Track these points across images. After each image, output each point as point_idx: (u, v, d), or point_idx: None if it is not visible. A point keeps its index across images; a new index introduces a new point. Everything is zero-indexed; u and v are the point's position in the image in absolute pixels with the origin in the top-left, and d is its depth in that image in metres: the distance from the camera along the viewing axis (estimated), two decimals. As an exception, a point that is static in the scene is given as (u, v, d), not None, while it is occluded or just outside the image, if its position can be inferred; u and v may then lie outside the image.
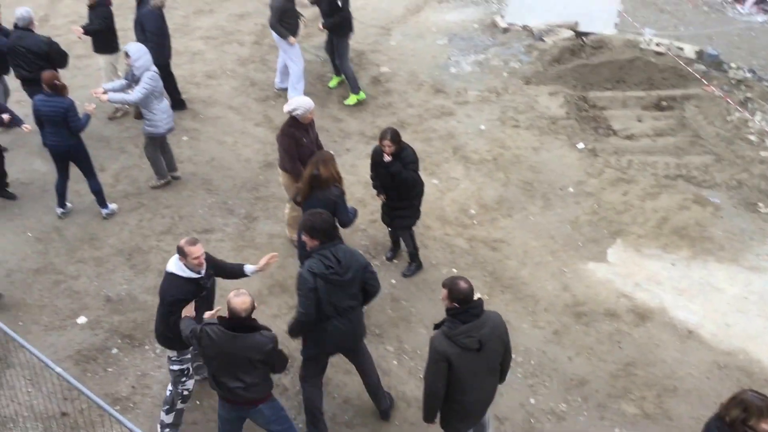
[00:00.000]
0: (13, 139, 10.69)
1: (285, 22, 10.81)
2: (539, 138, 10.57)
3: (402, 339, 7.78)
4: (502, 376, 5.92)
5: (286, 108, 8.24)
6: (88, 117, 8.98)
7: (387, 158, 7.93)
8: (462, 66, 12.23)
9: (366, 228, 9.18)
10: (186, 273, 6.23)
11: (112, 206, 9.49)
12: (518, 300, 8.21)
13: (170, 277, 6.25)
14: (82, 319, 8.10)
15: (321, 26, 11.08)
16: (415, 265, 8.60)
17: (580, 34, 12.38)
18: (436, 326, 5.65)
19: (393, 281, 8.47)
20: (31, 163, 10.32)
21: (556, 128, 10.70)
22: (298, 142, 8.22)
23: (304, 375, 6.68)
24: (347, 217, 7.54)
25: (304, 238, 6.33)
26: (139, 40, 10.22)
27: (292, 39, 10.87)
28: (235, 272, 6.82)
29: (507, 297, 8.25)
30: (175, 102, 11.06)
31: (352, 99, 11.40)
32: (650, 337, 7.75)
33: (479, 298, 5.60)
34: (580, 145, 10.37)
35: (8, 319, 7.79)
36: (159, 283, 6.51)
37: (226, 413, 6.07)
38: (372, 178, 8.38)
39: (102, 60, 10.93)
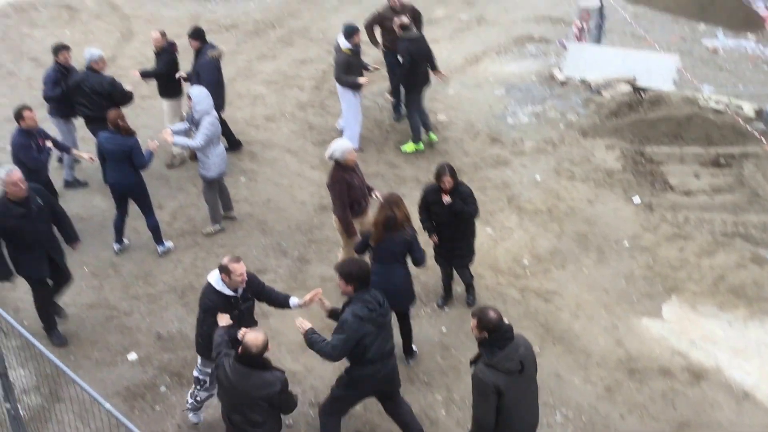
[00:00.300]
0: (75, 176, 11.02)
1: (350, 74, 10.93)
2: (595, 190, 10.50)
3: (451, 388, 7.72)
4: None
5: (326, 154, 8.44)
6: (151, 154, 9.21)
7: (446, 199, 8.01)
8: (519, 116, 12.27)
9: (417, 274, 9.17)
10: (220, 287, 6.50)
11: (168, 244, 9.67)
12: (570, 353, 8.09)
13: (207, 287, 6.57)
14: (132, 356, 8.21)
15: (388, 92, 11.22)
16: (474, 292, 8.72)
17: (638, 89, 12.34)
18: (473, 362, 5.71)
19: (443, 329, 8.43)
20: (91, 199, 10.59)
21: (612, 181, 10.62)
22: (349, 185, 8.30)
23: (329, 410, 6.69)
24: (423, 255, 7.66)
25: (339, 283, 6.45)
26: None
27: (363, 79, 10.95)
28: (279, 301, 6.99)
29: (558, 350, 8.13)
30: (231, 143, 11.30)
31: (410, 147, 11.50)
32: (705, 398, 7.55)
33: (508, 323, 5.67)
34: (636, 200, 10.27)
35: (60, 353, 7.97)
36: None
37: None
38: (423, 219, 8.34)
39: (165, 104, 11.23)
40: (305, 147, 11.77)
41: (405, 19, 10.92)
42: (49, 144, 9.45)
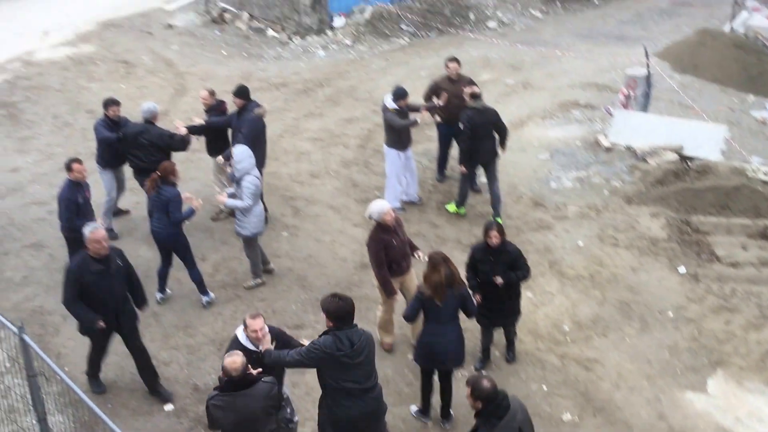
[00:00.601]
0: (123, 226, 11.22)
1: (396, 134, 11.02)
2: (639, 258, 10.36)
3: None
4: None
5: (365, 214, 8.55)
6: (192, 212, 9.33)
7: (498, 280, 8.08)
8: (563, 181, 12.23)
9: (456, 336, 9.10)
10: (244, 340, 6.79)
11: (212, 295, 9.75)
12: (610, 425, 7.89)
13: (233, 340, 6.89)
14: (169, 407, 8.23)
15: (460, 165, 11.13)
16: (514, 349, 8.73)
17: (684, 158, 12.24)
18: None
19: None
20: (137, 249, 10.74)
21: (657, 250, 10.48)
22: (387, 245, 8.35)
23: None
24: (475, 308, 7.74)
25: (324, 315, 6.58)
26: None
27: (422, 115, 11.05)
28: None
29: (598, 421, 7.94)
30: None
31: (452, 207, 11.52)
32: (751, 478, 7.29)
33: (503, 390, 5.71)
34: (682, 269, 10.09)
35: (98, 400, 7.99)
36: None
37: None
38: (469, 278, 8.31)
39: (212, 161, 11.40)
40: (348, 204, 11.86)
41: (476, 89, 10.92)
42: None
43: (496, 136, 11.00)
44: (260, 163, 10.80)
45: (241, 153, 9.44)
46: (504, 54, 17.61)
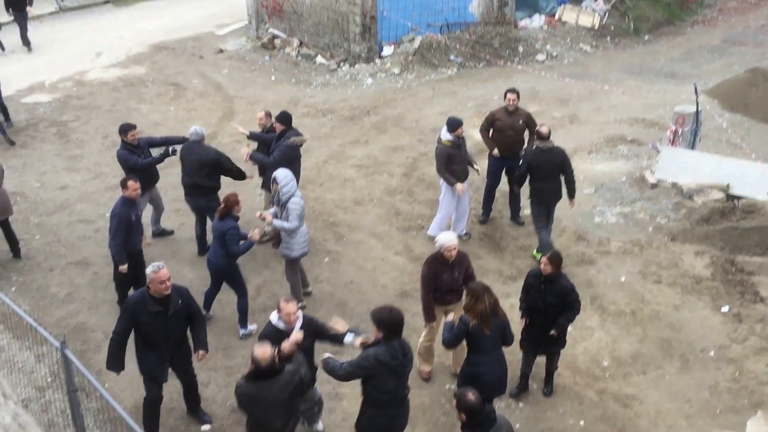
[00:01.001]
0: (167, 247, 11.43)
1: (450, 165, 10.94)
2: (681, 296, 10.25)
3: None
4: None
5: (435, 237, 8.80)
6: (250, 244, 9.43)
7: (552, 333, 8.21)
8: (606, 216, 12.18)
9: (493, 367, 9.08)
10: (276, 321, 7.27)
11: (251, 327, 9.77)
12: (647, 464, 7.79)
13: (267, 324, 7.37)
14: (206, 427, 8.32)
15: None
16: (552, 384, 8.71)
17: (731, 197, 12.12)
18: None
19: (518, 425, 8.26)
20: (180, 269, 10.93)
21: (700, 288, 10.36)
22: (437, 275, 8.44)
23: None
24: (512, 336, 7.81)
25: (373, 329, 6.86)
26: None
27: (459, 187, 10.92)
28: (337, 338, 7.44)
29: (635, 459, 7.85)
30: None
31: (538, 254, 10.85)
32: None
33: (489, 406, 6.03)
34: (725, 309, 9.96)
35: (136, 418, 8.07)
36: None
37: None
38: (521, 300, 8.50)
39: (265, 194, 11.48)
40: (390, 232, 11.95)
41: (544, 129, 10.59)
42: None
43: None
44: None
45: (285, 177, 9.60)
46: (552, 87, 17.65)
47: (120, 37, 21.57)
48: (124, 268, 9.60)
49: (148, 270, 7.53)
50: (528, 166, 10.62)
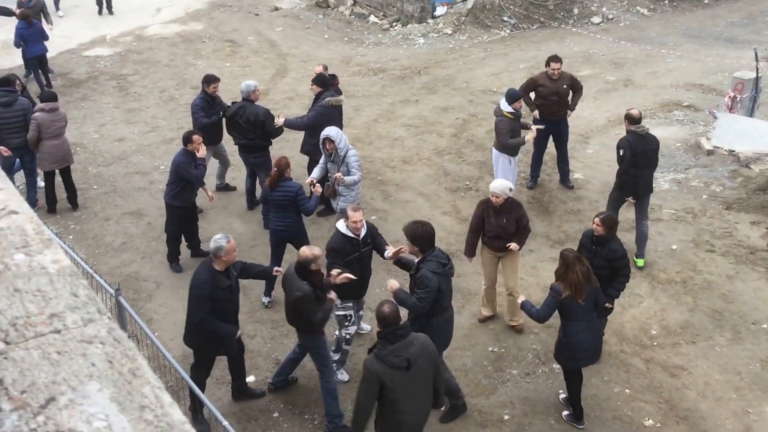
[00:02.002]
0: (218, 200, 11.48)
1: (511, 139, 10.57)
2: (735, 267, 9.99)
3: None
4: (437, 399, 6.48)
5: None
6: (316, 199, 9.36)
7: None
8: (659, 182, 11.88)
9: (539, 332, 8.99)
10: (345, 230, 7.81)
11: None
12: (693, 434, 7.65)
13: (335, 231, 7.93)
14: (251, 378, 8.39)
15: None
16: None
17: (791, 166, 11.73)
18: (370, 350, 6.27)
19: (561, 392, 8.17)
20: (230, 222, 11.03)
21: (755, 259, 10.08)
22: (483, 217, 8.65)
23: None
24: (603, 297, 7.73)
25: (407, 245, 7.44)
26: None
27: (529, 135, 10.55)
28: (382, 248, 8.12)
29: (681, 429, 7.73)
30: None
31: (640, 261, 10.17)
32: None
33: (406, 322, 6.38)
34: (780, 281, 9.69)
35: (184, 367, 8.18)
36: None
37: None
38: None
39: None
40: (438, 192, 11.85)
41: (634, 111, 9.84)
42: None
43: None
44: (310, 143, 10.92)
45: (337, 133, 9.66)
46: (606, 50, 17.22)
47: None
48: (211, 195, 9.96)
49: (221, 242, 7.22)
50: (632, 153, 9.55)
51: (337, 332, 8.24)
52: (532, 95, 11.53)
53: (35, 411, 1.28)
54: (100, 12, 19.89)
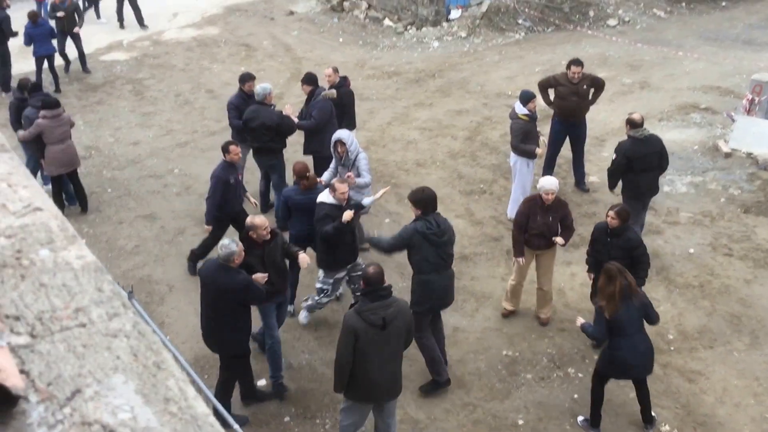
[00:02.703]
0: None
1: (527, 142, 10.43)
2: (753, 271, 9.89)
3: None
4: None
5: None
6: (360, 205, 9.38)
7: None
8: (676, 185, 11.81)
9: (554, 335, 8.95)
10: (330, 200, 8.31)
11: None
12: (710, 440, 7.58)
13: (319, 204, 8.36)
14: (262, 382, 8.38)
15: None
16: None
17: (811, 169, 11.62)
18: (351, 306, 6.80)
19: (575, 396, 8.13)
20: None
21: (774, 263, 9.99)
22: (530, 215, 8.61)
23: (416, 326, 7.49)
24: (657, 315, 7.51)
25: (411, 207, 7.94)
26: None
27: (539, 150, 10.44)
28: (361, 207, 8.60)
29: (698, 434, 7.64)
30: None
31: None
32: None
33: (389, 284, 6.74)
34: (800, 285, 9.59)
35: (195, 370, 8.19)
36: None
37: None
38: (588, 253, 8.52)
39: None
40: (452, 195, 11.81)
41: (636, 115, 9.79)
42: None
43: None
44: (328, 146, 10.77)
45: (349, 137, 9.63)
46: (623, 53, 17.13)
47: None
48: (208, 228, 9.69)
49: (232, 247, 7.17)
50: (625, 158, 9.54)
51: (311, 300, 8.92)
52: (551, 93, 11.38)
53: (61, 403, 1.31)
54: (122, 26, 19.62)
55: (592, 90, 11.22)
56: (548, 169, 11.67)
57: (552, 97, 11.41)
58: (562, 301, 9.35)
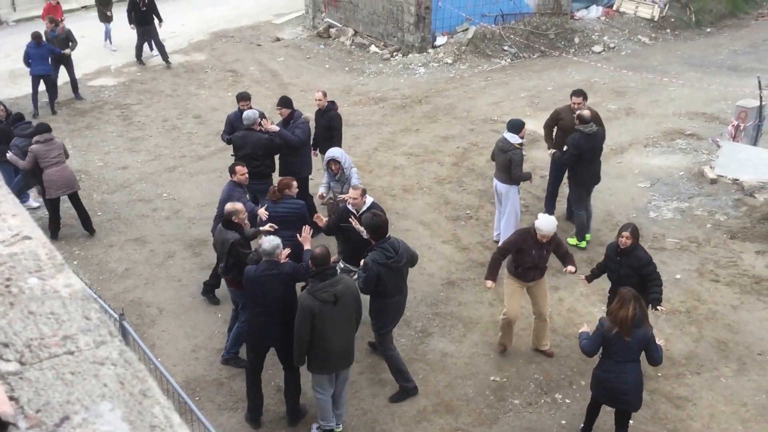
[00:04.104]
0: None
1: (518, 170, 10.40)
2: (740, 297, 9.93)
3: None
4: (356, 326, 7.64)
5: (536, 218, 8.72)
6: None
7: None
8: (662, 211, 11.88)
9: (541, 361, 8.94)
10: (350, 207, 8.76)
11: None
12: (699, 466, 7.56)
13: (344, 209, 8.87)
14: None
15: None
16: None
17: (795, 194, 11.73)
18: (303, 288, 7.41)
19: (563, 422, 8.10)
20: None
21: (760, 289, 10.03)
22: (523, 249, 8.45)
23: (381, 344, 8.28)
24: (660, 355, 7.38)
25: (367, 234, 8.05)
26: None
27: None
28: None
29: (686, 461, 7.62)
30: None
31: (572, 240, 10.96)
32: None
33: (334, 264, 7.53)
34: (786, 311, 9.64)
35: (186, 393, 8.15)
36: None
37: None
38: (597, 266, 8.85)
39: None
40: (438, 221, 11.83)
41: (586, 112, 10.52)
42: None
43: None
44: (309, 167, 11.26)
45: (342, 155, 9.92)
46: (608, 79, 17.31)
47: (182, 25, 21.84)
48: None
49: (276, 242, 7.64)
50: (576, 151, 10.35)
51: None
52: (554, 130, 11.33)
53: (50, 429, 1.36)
54: (140, 61, 19.03)
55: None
56: (551, 204, 11.52)
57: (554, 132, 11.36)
58: (550, 326, 9.33)
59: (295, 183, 9.42)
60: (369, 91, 17.31)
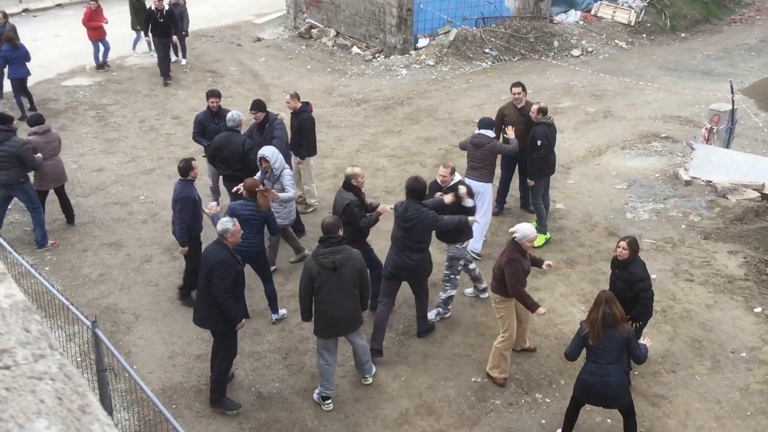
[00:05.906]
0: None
1: (493, 167, 10.87)
2: (713, 296, 10.14)
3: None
4: (363, 302, 8.15)
5: (510, 230, 8.53)
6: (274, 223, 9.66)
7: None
8: (638, 212, 12.08)
9: (521, 362, 9.07)
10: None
11: (282, 311, 9.80)
12: (674, 463, 7.72)
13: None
14: (231, 411, 8.36)
15: (530, 180, 11.05)
16: None
17: (766, 196, 11.96)
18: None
19: (543, 422, 8.24)
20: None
21: (733, 288, 10.24)
22: (523, 267, 8.28)
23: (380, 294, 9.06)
24: (643, 354, 7.45)
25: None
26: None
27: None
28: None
29: (662, 457, 7.78)
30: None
31: (540, 239, 11.07)
32: None
33: (341, 234, 7.91)
34: (758, 309, 9.85)
35: (163, 401, 8.10)
36: (310, 386, 7.92)
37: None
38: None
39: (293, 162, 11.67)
40: (421, 223, 11.91)
41: (543, 104, 11.01)
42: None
43: None
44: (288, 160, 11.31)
45: (273, 154, 10.10)
46: (586, 82, 17.51)
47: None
48: (184, 250, 9.70)
49: (227, 225, 8.03)
50: (549, 141, 10.79)
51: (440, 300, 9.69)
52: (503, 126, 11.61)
53: None
54: (167, 80, 18.03)
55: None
56: (502, 199, 11.99)
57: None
58: (529, 326, 9.47)
59: (257, 184, 9.52)
60: (351, 92, 17.38)
